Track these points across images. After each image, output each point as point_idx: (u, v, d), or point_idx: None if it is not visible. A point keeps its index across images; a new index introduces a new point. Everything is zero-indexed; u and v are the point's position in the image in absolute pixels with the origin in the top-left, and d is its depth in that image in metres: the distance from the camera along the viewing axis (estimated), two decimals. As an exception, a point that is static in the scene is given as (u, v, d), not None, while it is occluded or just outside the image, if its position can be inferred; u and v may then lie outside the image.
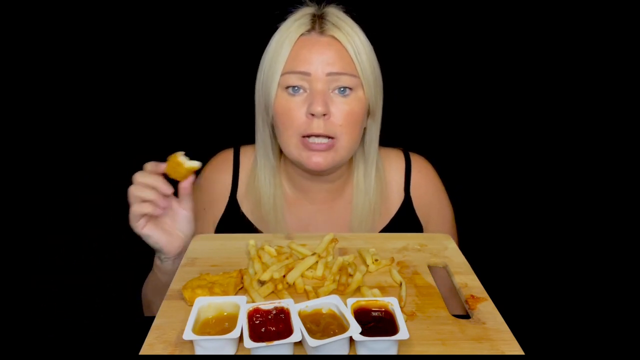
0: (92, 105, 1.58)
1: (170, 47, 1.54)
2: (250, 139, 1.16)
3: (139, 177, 0.90)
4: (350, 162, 1.12)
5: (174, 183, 0.90)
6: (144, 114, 1.61)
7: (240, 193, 1.15)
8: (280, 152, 1.12)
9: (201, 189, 1.16)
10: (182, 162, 0.87)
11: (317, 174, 1.07)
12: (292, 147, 1.01)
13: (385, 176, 1.14)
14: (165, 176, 0.90)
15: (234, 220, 1.13)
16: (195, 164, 0.88)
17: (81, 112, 1.58)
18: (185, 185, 0.92)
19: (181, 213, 0.95)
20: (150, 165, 0.91)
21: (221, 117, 1.58)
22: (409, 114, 1.51)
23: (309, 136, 0.98)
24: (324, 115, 0.96)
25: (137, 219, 0.91)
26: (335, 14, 1.01)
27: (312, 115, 0.96)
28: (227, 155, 1.19)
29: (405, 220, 1.14)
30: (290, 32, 0.99)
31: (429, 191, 1.17)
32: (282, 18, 1.01)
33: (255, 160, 1.13)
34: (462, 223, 1.24)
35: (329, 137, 0.98)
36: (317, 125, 0.97)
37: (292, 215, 1.13)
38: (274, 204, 1.10)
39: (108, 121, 1.60)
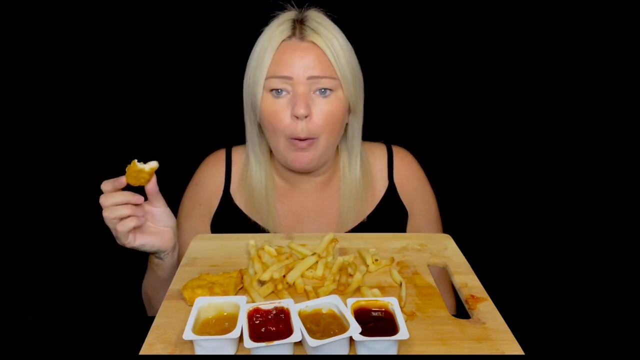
0: (89, 107, 1.58)
1: (161, 50, 1.55)
2: (240, 140, 1.21)
3: (106, 200, 0.92)
4: (336, 156, 1.19)
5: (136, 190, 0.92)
6: (143, 114, 1.61)
7: (234, 187, 1.21)
8: (271, 152, 1.18)
9: (197, 186, 1.23)
10: (142, 168, 0.89)
11: (306, 174, 1.15)
12: (280, 148, 1.08)
13: (370, 166, 1.21)
14: (129, 186, 0.91)
15: (228, 212, 1.19)
16: (154, 164, 0.90)
17: (77, 113, 1.58)
18: (151, 187, 0.95)
19: (158, 211, 0.99)
20: (109, 185, 0.92)
21: (213, 120, 1.60)
22: (394, 111, 1.53)
23: (294, 139, 1.05)
24: (307, 116, 1.02)
25: (126, 237, 0.94)
26: (314, 18, 1.06)
27: (297, 117, 1.02)
28: (219, 155, 1.25)
29: (391, 205, 1.20)
30: (272, 37, 1.04)
31: (411, 177, 1.24)
32: (266, 22, 1.06)
33: (247, 156, 1.19)
34: (463, 223, 1.24)
35: (311, 139, 1.05)
36: (302, 129, 1.03)
37: (284, 205, 1.18)
38: (266, 195, 1.16)
39: (106, 122, 1.60)
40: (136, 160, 0.89)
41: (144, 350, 0.64)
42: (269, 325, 0.64)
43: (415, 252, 0.90)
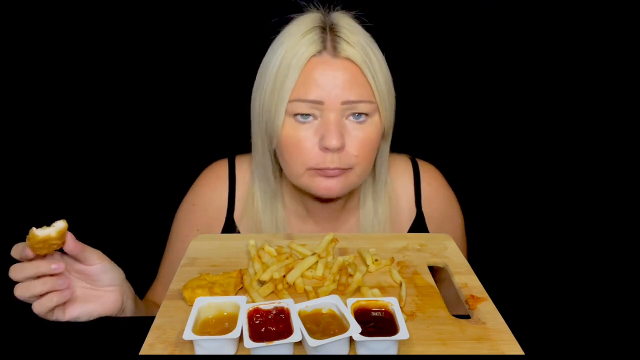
0: (88, 112, 1.57)
1: (159, 51, 1.53)
2: (243, 146, 1.09)
3: (15, 273, 0.73)
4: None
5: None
6: (142, 115, 1.60)
7: (238, 213, 1.06)
8: (281, 170, 1.03)
9: (194, 207, 1.07)
10: (48, 234, 0.70)
11: (326, 200, 1.00)
12: (301, 177, 0.92)
13: (394, 189, 1.07)
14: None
15: None
16: (61, 225, 0.71)
17: (75, 119, 1.57)
18: (71, 247, 0.74)
19: (94, 269, 0.78)
20: (16, 251, 0.73)
21: (213, 123, 1.56)
22: (414, 117, 1.50)
23: (322, 169, 0.90)
24: (340, 149, 0.87)
25: (51, 315, 0.75)
26: (345, 27, 0.88)
27: (327, 148, 0.87)
28: (221, 169, 1.08)
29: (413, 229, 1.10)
30: (297, 52, 0.85)
31: (441, 206, 1.11)
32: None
33: (253, 178, 1.03)
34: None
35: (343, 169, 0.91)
36: (332, 160, 0.88)
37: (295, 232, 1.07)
38: (276, 230, 1.03)
39: (104, 126, 1.59)
40: (34, 229, 0.69)
41: (144, 350, 0.64)
42: (269, 325, 0.64)
43: (415, 252, 0.90)
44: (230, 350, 0.63)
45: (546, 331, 0.77)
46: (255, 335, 0.62)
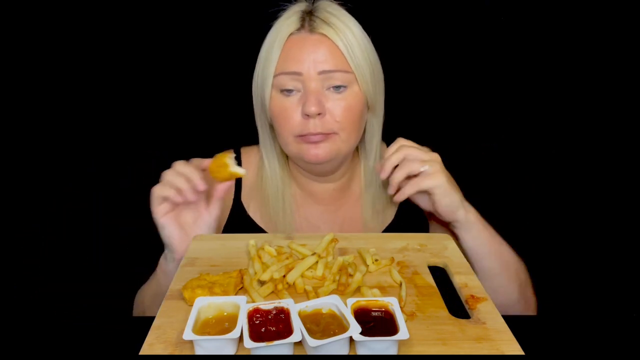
0: (90, 108, 1.57)
1: (164, 45, 1.53)
2: (249, 140, 1.15)
3: (177, 165, 0.89)
4: (354, 159, 1.11)
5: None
6: (142, 115, 1.60)
7: (245, 195, 1.13)
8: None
9: None
10: (228, 164, 0.83)
11: (318, 169, 1.06)
12: (290, 145, 1.00)
13: None
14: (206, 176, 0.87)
15: (240, 225, 1.11)
16: (241, 171, 0.84)
17: (79, 115, 1.57)
18: (220, 188, 0.90)
19: (205, 217, 0.94)
20: (196, 160, 0.90)
21: (219, 118, 1.57)
22: (414, 110, 1.50)
23: (305, 135, 0.98)
24: (319, 114, 0.95)
25: (159, 202, 0.89)
26: (325, 8, 0.98)
27: (308, 115, 0.95)
28: None
29: (409, 211, 1.12)
30: (280, 32, 0.98)
31: None
32: (276, 16, 1.00)
33: (261, 159, 1.11)
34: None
35: (327, 134, 0.98)
36: (314, 125, 0.96)
37: (300, 216, 1.12)
38: (283, 204, 1.09)
39: (107, 123, 1.59)
40: (230, 154, 0.84)
41: (144, 350, 0.64)
42: (269, 325, 0.64)
43: (415, 252, 0.90)
44: (230, 350, 0.63)
45: (546, 331, 0.77)
46: (255, 335, 0.62)
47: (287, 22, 0.98)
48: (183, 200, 0.89)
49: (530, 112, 1.63)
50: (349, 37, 0.96)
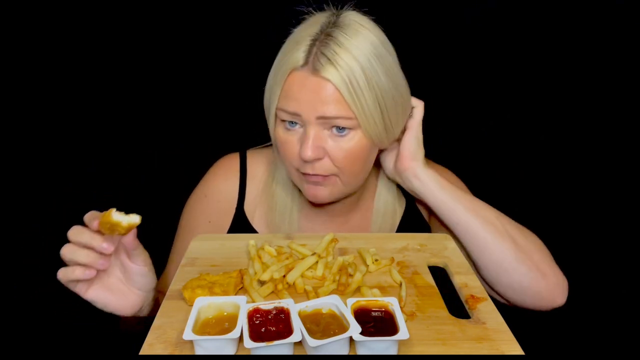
0: (91, 108, 1.57)
1: (168, 45, 1.53)
2: (253, 142, 1.11)
3: (72, 235, 0.76)
4: (369, 180, 1.07)
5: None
6: (142, 115, 1.60)
7: (249, 204, 1.07)
8: None
9: (206, 198, 1.09)
10: (119, 221, 0.73)
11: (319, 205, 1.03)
12: (292, 175, 0.98)
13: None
14: None
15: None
16: (134, 220, 0.74)
17: (79, 115, 1.57)
18: (128, 241, 0.77)
19: (133, 268, 0.81)
20: (88, 217, 0.76)
21: (224, 117, 1.56)
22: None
23: (304, 174, 0.93)
24: (318, 159, 0.90)
25: (73, 285, 0.78)
26: (341, 37, 0.86)
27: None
28: (232, 162, 1.11)
29: (411, 223, 1.12)
30: (284, 62, 0.89)
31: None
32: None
33: (271, 164, 1.07)
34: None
35: (325, 176, 0.93)
36: (312, 168, 0.91)
37: (307, 227, 1.08)
38: (290, 214, 1.05)
39: (107, 123, 1.59)
40: (114, 210, 0.73)
41: (144, 350, 0.64)
42: (269, 325, 0.64)
43: (415, 252, 0.90)
44: (230, 350, 0.63)
45: (546, 331, 0.77)
46: (255, 335, 0.62)
47: (293, 51, 0.88)
48: (95, 273, 0.77)
49: (518, 98, 1.62)
50: (356, 79, 0.85)
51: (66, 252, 0.76)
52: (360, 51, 0.86)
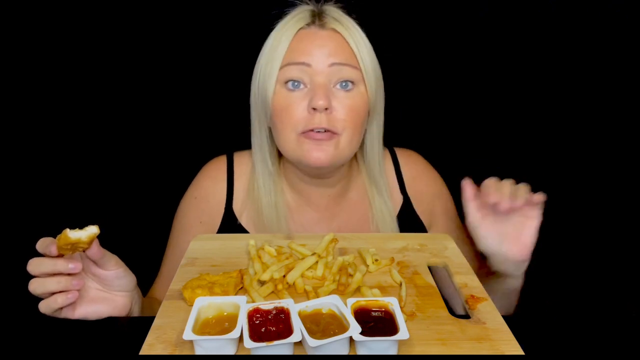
0: (90, 108, 1.57)
1: (159, 49, 1.53)
2: (242, 145, 1.12)
3: (33, 267, 0.74)
4: (351, 165, 1.10)
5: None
6: (133, 121, 1.59)
7: (237, 204, 1.09)
8: (280, 156, 1.09)
9: (197, 200, 1.11)
10: (79, 238, 0.70)
11: (317, 173, 1.04)
12: (291, 144, 0.97)
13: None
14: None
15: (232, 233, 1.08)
16: (93, 231, 0.72)
17: (79, 115, 1.57)
18: (93, 252, 0.75)
19: (108, 275, 0.80)
20: (41, 245, 0.74)
21: (212, 122, 1.56)
22: (405, 115, 1.50)
23: (309, 131, 0.95)
24: (326, 109, 0.93)
25: (58, 313, 0.77)
26: (335, 10, 1.00)
27: (314, 109, 0.93)
28: (219, 164, 1.13)
29: (407, 221, 1.13)
30: (288, 26, 0.97)
31: (425, 186, 1.15)
32: (279, 17, 1.00)
33: (254, 166, 1.08)
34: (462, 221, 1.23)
35: (331, 132, 0.95)
36: (319, 120, 0.93)
37: (295, 223, 1.09)
38: (277, 213, 1.06)
39: (107, 123, 1.59)
40: (68, 230, 0.70)
41: (144, 350, 0.64)
42: (269, 325, 0.65)
43: (415, 252, 0.90)
44: (230, 350, 0.63)
45: (546, 331, 0.77)
46: (255, 335, 0.62)
47: (296, 18, 0.98)
48: (78, 295, 0.76)
49: (518, 98, 1.62)
50: (358, 37, 0.98)
51: (35, 286, 0.75)
52: (355, 24, 1.00)
